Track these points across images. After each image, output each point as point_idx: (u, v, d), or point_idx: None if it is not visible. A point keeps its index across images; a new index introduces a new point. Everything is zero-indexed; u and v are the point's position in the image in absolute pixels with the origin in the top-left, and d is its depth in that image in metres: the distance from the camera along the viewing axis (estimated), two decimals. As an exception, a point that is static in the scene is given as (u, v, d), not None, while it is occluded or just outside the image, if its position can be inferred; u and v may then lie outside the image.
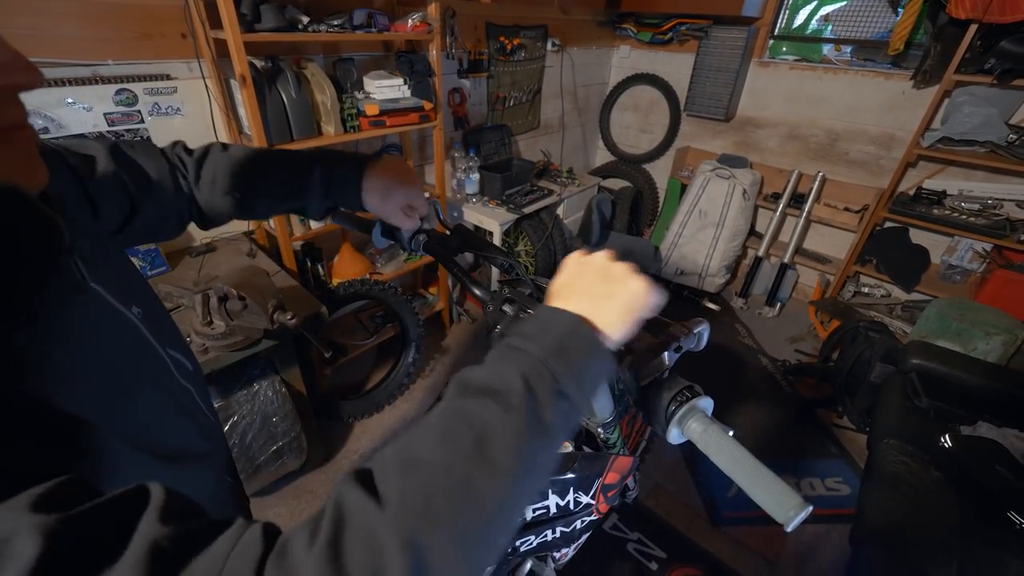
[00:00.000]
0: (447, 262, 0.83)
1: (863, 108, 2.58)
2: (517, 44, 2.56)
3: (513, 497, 0.33)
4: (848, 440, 2.16)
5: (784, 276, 2.93)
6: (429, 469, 0.32)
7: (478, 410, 0.35)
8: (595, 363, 0.41)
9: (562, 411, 0.37)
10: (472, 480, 0.31)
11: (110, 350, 0.45)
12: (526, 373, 0.37)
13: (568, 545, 0.85)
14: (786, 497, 0.42)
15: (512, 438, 0.34)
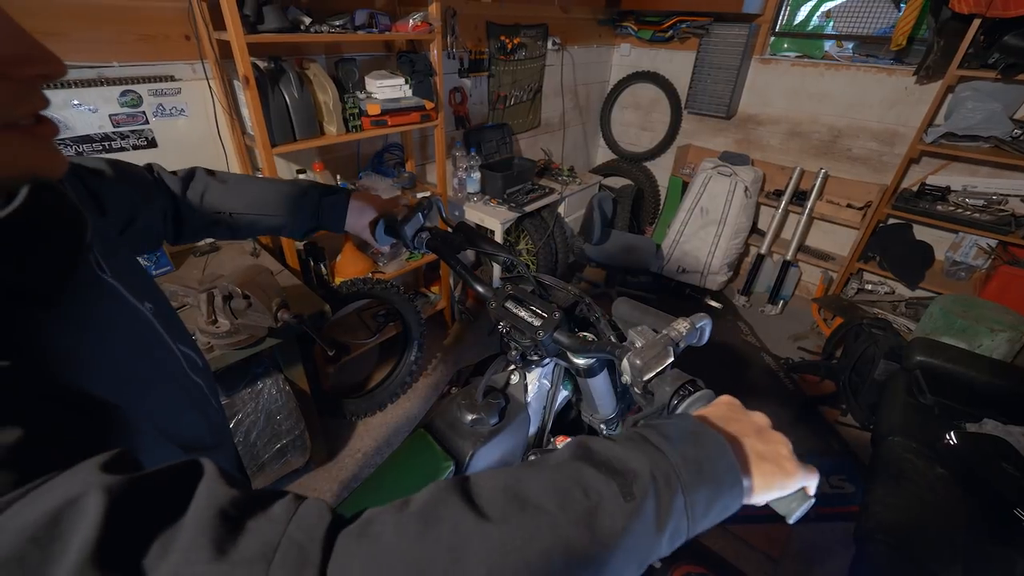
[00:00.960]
0: (450, 259, 0.83)
1: (865, 104, 2.57)
2: (518, 43, 2.57)
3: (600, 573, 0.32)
4: (852, 438, 2.15)
5: (787, 274, 2.93)
6: (536, 514, 0.31)
7: (597, 484, 0.34)
8: (726, 499, 0.38)
9: (675, 527, 0.35)
10: (571, 546, 0.30)
11: (127, 343, 0.47)
12: (655, 472, 0.35)
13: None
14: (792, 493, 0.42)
15: (620, 523, 0.32)
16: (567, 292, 0.81)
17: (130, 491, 0.25)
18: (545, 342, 0.72)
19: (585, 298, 0.78)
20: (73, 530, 0.23)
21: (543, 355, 0.79)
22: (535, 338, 0.72)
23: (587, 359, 0.73)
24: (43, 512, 0.23)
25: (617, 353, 0.58)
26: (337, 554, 0.26)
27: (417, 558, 0.27)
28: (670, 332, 0.54)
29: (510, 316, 0.76)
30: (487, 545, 0.29)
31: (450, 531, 0.29)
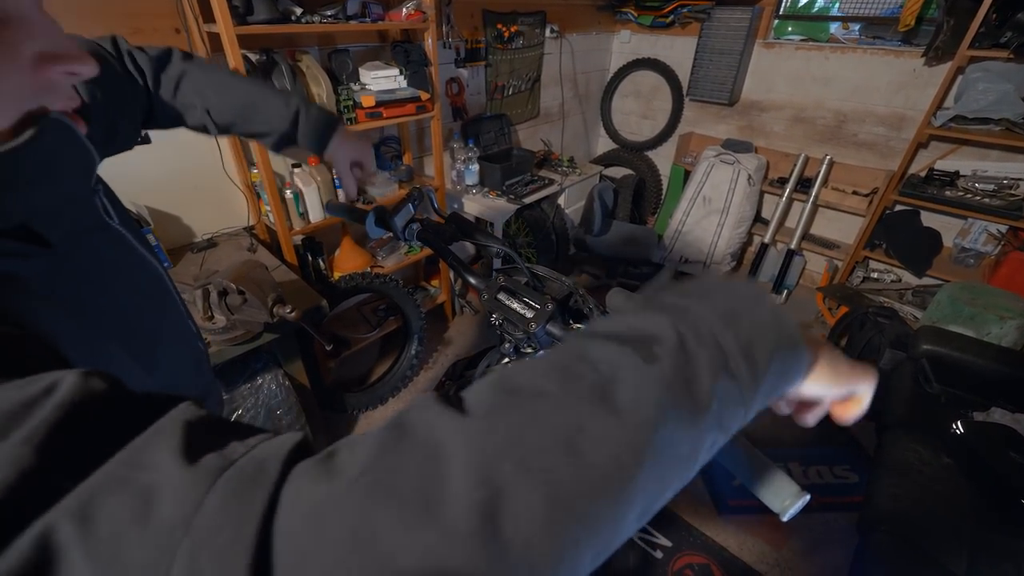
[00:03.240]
0: (441, 250, 0.82)
1: (872, 88, 2.51)
2: (515, 31, 2.52)
3: (632, 466, 0.24)
4: (857, 428, 2.13)
5: (791, 262, 2.89)
6: (532, 399, 0.24)
7: (608, 354, 0.26)
8: (783, 350, 0.29)
9: (723, 391, 0.27)
10: (584, 427, 0.23)
11: (135, 294, 0.47)
12: (681, 330, 0.27)
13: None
14: (783, 486, 0.41)
15: (648, 391, 0.25)
16: (561, 283, 0.79)
17: (105, 389, 0.25)
18: (538, 334, 0.70)
19: (579, 289, 0.76)
20: (40, 405, 0.22)
21: (536, 348, 0.77)
22: (527, 330, 0.70)
23: (580, 352, 0.71)
24: (21, 397, 0.23)
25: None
26: (295, 475, 0.22)
27: (387, 471, 0.22)
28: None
29: (503, 308, 0.75)
30: (471, 445, 0.22)
31: (425, 437, 0.23)
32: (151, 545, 0.19)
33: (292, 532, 0.20)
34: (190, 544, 0.19)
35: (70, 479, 0.20)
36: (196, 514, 0.20)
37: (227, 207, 1.80)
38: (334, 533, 0.20)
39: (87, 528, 0.19)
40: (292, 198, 1.73)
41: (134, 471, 0.21)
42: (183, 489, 0.20)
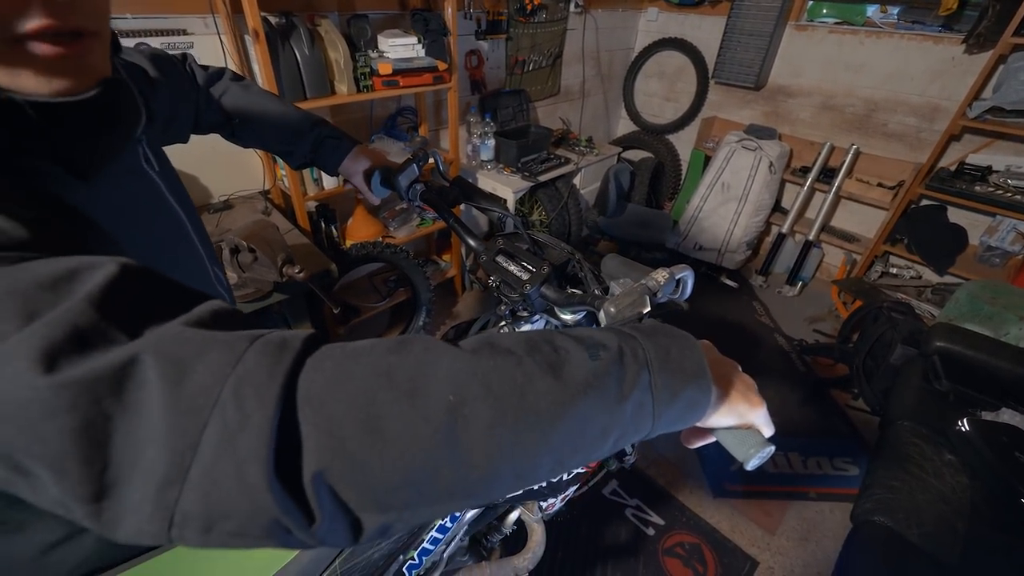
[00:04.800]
0: (442, 211, 0.83)
1: (906, 76, 2.41)
2: (538, 4, 2.47)
3: (556, 418, 0.32)
4: (862, 423, 2.11)
5: (808, 254, 2.83)
6: (506, 355, 0.33)
7: (567, 344, 0.35)
8: (692, 391, 0.38)
9: (639, 399, 0.35)
10: (534, 384, 0.32)
11: (160, 241, 0.53)
12: (623, 346, 0.36)
13: (555, 495, 0.87)
14: (748, 435, 0.42)
15: (584, 376, 0.33)
16: (560, 250, 0.80)
17: (147, 273, 0.30)
18: (532, 295, 0.71)
19: (576, 255, 0.76)
20: (86, 279, 0.28)
21: (531, 311, 0.78)
22: (522, 292, 0.72)
23: (573, 314, 0.72)
24: (65, 268, 0.28)
25: (596, 304, 0.57)
26: (317, 353, 0.30)
27: (388, 363, 0.30)
28: (648, 282, 0.53)
29: (500, 270, 0.76)
30: (454, 365, 0.31)
31: (422, 351, 0.32)
32: (210, 374, 0.26)
33: (312, 385, 0.28)
34: (238, 376, 0.27)
35: (131, 329, 0.27)
36: (238, 363, 0.27)
37: (243, 170, 1.83)
38: (345, 391, 0.28)
39: (162, 358, 0.26)
40: (307, 163, 1.75)
41: (188, 331, 0.28)
42: (226, 345, 0.28)
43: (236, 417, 0.26)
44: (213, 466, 0.25)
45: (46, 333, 0.25)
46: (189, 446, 0.25)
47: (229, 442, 0.25)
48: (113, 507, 0.26)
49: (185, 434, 0.25)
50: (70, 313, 0.26)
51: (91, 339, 0.26)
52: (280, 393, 0.27)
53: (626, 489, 1.79)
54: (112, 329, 0.26)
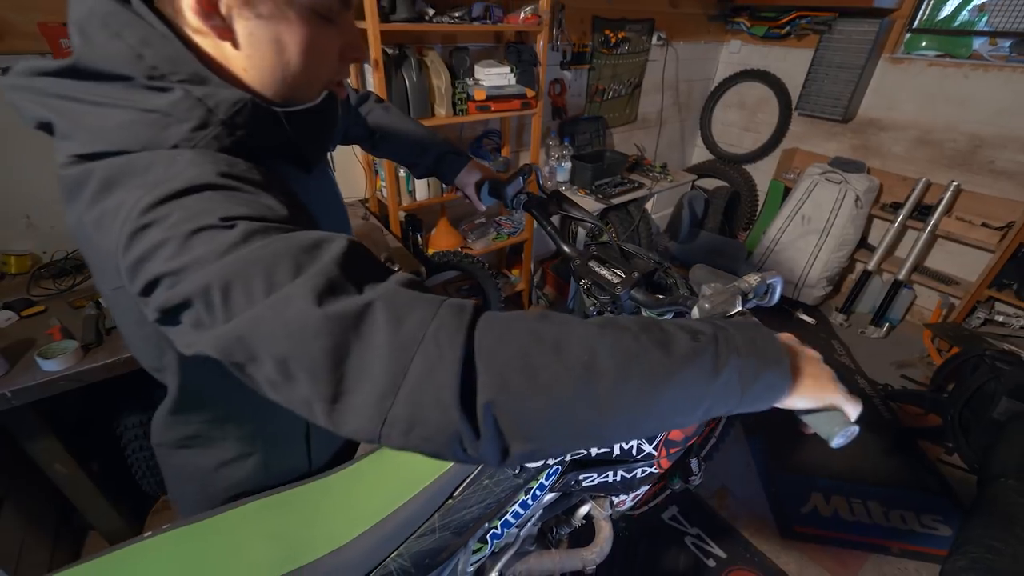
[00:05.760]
0: (542, 219, 0.92)
1: (1019, 111, 2.26)
2: (622, 37, 2.59)
3: (662, 383, 0.40)
4: (956, 480, 1.94)
5: (897, 295, 2.66)
6: (625, 330, 0.41)
7: (672, 329, 0.43)
8: (772, 374, 0.45)
9: (727, 378, 0.42)
10: (648, 354, 0.40)
11: (333, 223, 0.68)
12: (718, 334, 0.44)
13: (627, 492, 0.91)
14: (832, 414, 0.46)
15: (686, 352, 0.41)
16: (647, 260, 0.86)
17: (363, 247, 0.42)
18: (623, 298, 0.78)
19: (664, 264, 0.83)
20: (328, 248, 0.38)
21: (619, 312, 0.85)
22: (614, 293, 0.79)
23: (660, 318, 0.78)
24: (313, 238, 0.39)
25: (688, 303, 0.63)
26: (485, 316, 0.39)
27: (537, 328, 0.39)
28: (740, 284, 0.58)
29: (592, 274, 0.84)
30: (586, 332, 0.40)
31: (561, 321, 0.40)
32: (417, 322, 0.36)
33: (485, 338, 0.37)
34: (435, 325, 0.36)
35: (361, 284, 0.38)
36: (435, 316, 0.37)
37: (348, 179, 2.06)
38: (509, 344, 0.38)
39: (387, 306, 0.36)
40: (404, 177, 1.94)
41: (401, 289, 0.38)
42: (427, 303, 0.38)
43: (435, 353, 0.35)
44: (417, 387, 0.35)
45: (314, 282, 0.35)
46: (402, 370, 0.35)
47: (430, 371, 0.35)
48: (344, 408, 0.36)
49: (400, 362, 0.35)
50: (326, 268, 0.36)
51: (339, 288, 0.36)
52: (464, 340, 0.36)
53: (687, 517, 1.76)
54: (351, 283, 0.37)
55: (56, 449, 1.25)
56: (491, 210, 2.57)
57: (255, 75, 0.48)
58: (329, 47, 0.49)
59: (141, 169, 0.41)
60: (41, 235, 1.48)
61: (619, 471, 0.86)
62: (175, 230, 0.37)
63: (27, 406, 1.10)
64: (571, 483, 0.87)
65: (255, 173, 0.44)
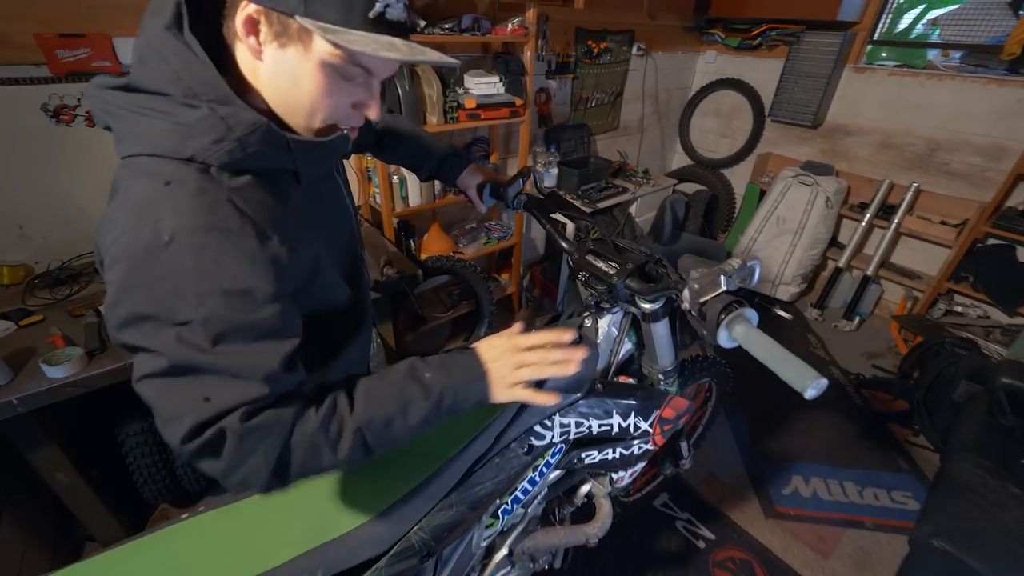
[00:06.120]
0: (542, 217, 1.00)
1: (970, 117, 2.44)
2: (604, 48, 2.71)
3: (412, 415, 0.58)
4: (923, 459, 2.07)
5: (866, 290, 2.82)
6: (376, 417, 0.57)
7: (415, 398, 0.59)
8: (471, 391, 0.62)
9: (450, 404, 0.60)
10: (392, 425, 0.57)
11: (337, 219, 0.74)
12: (436, 388, 0.60)
13: (625, 468, 0.99)
14: (805, 371, 0.54)
15: (423, 413, 0.59)
16: (639, 253, 0.94)
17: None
18: (618, 286, 0.86)
19: (654, 255, 0.91)
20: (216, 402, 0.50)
21: (614, 303, 0.93)
22: (610, 282, 0.87)
23: (652, 303, 0.86)
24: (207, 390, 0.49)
25: (679, 286, 0.71)
26: (295, 436, 0.53)
27: (321, 440, 0.54)
28: (723, 267, 0.67)
29: (590, 266, 0.92)
30: (352, 434, 0.55)
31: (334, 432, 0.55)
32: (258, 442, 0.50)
33: (294, 453, 0.52)
34: (266, 446, 0.51)
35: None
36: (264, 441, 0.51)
37: (343, 187, 2.10)
38: (305, 451, 0.53)
39: (236, 437, 0.49)
40: (398, 184, 2.00)
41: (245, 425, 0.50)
42: (262, 435, 0.51)
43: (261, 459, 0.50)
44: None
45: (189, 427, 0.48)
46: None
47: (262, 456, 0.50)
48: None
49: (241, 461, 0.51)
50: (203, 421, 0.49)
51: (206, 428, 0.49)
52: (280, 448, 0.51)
53: (677, 503, 1.84)
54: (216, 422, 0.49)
55: (58, 458, 1.26)
56: (481, 215, 2.64)
57: (272, 96, 0.55)
58: (342, 98, 0.55)
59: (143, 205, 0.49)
60: (34, 246, 1.48)
61: (618, 448, 0.94)
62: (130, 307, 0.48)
63: (29, 414, 1.12)
64: (574, 460, 0.94)
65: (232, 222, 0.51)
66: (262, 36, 0.51)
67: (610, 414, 0.89)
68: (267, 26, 0.50)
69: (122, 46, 1.35)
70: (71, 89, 1.32)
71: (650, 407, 0.91)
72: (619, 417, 0.89)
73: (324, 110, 0.55)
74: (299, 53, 0.51)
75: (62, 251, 1.47)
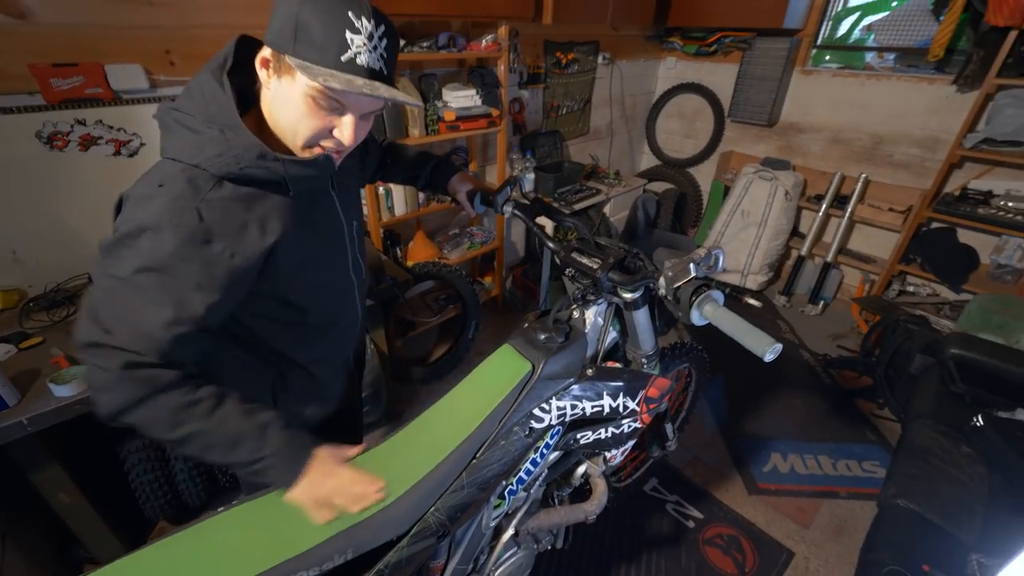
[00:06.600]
0: (529, 220, 1.09)
1: (907, 112, 2.66)
2: (571, 58, 2.83)
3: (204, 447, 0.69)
4: (888, 430, 2.23)
5: (827, 275, 3.01)
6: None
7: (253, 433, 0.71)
8: (276, 477, 0.73)
9: (268, 466, 0.71)
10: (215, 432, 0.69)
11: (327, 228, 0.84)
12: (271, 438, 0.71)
13: (617, 447, 1.07)
14: (763, 339, 0.64)
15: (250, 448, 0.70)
16: (618, 249, 1.04)
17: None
18: (602, 279, 0.95)
19: (632, 250, 1.01)
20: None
21: (598, 294, 1.02)
22: (594, 276, 0.96)
23: (633, 292, 0.95)
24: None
25: (655, 275, 0.81)
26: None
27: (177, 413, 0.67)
28: (692, 256, 0.77)
29: (575, 263, 1.01)
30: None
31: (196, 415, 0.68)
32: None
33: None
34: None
35: None
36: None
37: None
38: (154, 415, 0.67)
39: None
40: (384, 194, 2.06)
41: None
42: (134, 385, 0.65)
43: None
44: None
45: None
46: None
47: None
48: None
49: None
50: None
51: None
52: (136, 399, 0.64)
53: (666, 486, 1.94)
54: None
55: (61, 478, 1.27)
56: (464, 221, 2.72)
57: (271, 118, 0.70)
58: (319, 123, 0.68)
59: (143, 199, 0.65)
60: (27, 269, 1.49)
61: (609, 428, 1.03)
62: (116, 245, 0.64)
63: (34, 435, 1.13)
64: (571, 442, 1.02)
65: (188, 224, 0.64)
66: (270, 70, 0.66)
67: (601, 396, 0.97)
68: (273, 61, 0.65)
69: (113, 73, 1.38)
70: (64, 116, 1.34)
71: (636, 387, 1.00)
72: (609, 398, 0.98)
73: (305, 130, 0.68)
74: (289, 83, 0.65)
75: (55, 273, 1.48)
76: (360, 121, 0.69)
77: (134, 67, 1.43)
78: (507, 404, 0.90)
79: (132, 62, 1.43)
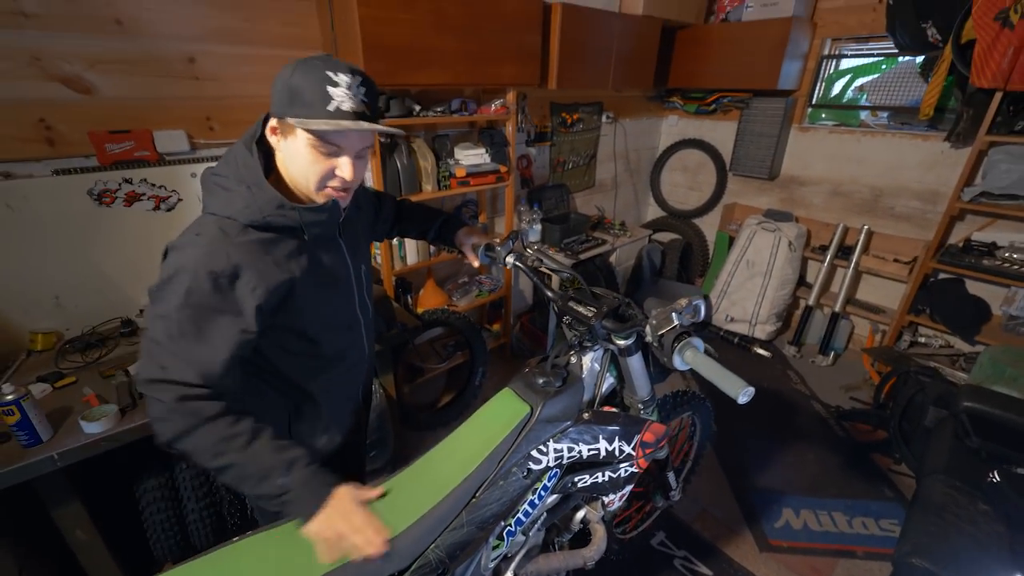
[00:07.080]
0: (530, 270, 1.17)
1: (904, 167, 2.75)
2: (576, 118, 3.03)
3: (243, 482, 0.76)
4: (906, 486, 2.16)
5: (837, 325, 3.00)
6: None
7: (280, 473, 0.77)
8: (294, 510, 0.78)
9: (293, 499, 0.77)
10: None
11: (333, 272, 0.95)
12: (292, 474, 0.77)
13: (615, 491, 1.09)
14: (737, 383, 0.68)
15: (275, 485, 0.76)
16: (613, 298, 1.10)
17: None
18: (596, 327, 1.01)
19: (625, 299, 1.07)
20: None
21: (594, 341, 1.08)
22: (589, 324, 1.02)
23: (625, 339, 1.01)
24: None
25: (643, 323, 0.86)
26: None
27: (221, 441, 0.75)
28: (674, 306, 0.83)
29: (571, 311, 1.07)
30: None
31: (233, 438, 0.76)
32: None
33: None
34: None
35: None
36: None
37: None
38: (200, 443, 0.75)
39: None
40: (396, 244, 2.18)
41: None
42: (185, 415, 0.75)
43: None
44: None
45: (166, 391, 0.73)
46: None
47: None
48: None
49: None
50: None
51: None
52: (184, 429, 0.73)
53: (674, 540, 1.89)
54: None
55: (80, 515, 1.31)
56: (473, 270, 2.82)
57: (289, 174, 0.83)
58: (323, 167, 0.80)
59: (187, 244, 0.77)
60: (67, 314, 1.59)
61: (607, 471, 1.05)
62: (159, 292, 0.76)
63: (61, 471, 1.19)
64: (568, 485, 1.04)
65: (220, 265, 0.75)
66: (278, 135, 0.80)
67: (597, 439, 1.01)
68: (280, 127, 0.79)
69: (160, 138, 1.56)
70: (114, 176, 1.50)
71: (632, 432, 1.03)
72: (605, 442, 1.01)
73: (314, 176, 0.80)
74: (294, 140, 0.78)
75: (90, 317, 1.59)
76: (357, 161, 0.82)
77: (178, 133, 1.61)
78: (506, 445, 0.94)
79: (177, 128, 1.61)
